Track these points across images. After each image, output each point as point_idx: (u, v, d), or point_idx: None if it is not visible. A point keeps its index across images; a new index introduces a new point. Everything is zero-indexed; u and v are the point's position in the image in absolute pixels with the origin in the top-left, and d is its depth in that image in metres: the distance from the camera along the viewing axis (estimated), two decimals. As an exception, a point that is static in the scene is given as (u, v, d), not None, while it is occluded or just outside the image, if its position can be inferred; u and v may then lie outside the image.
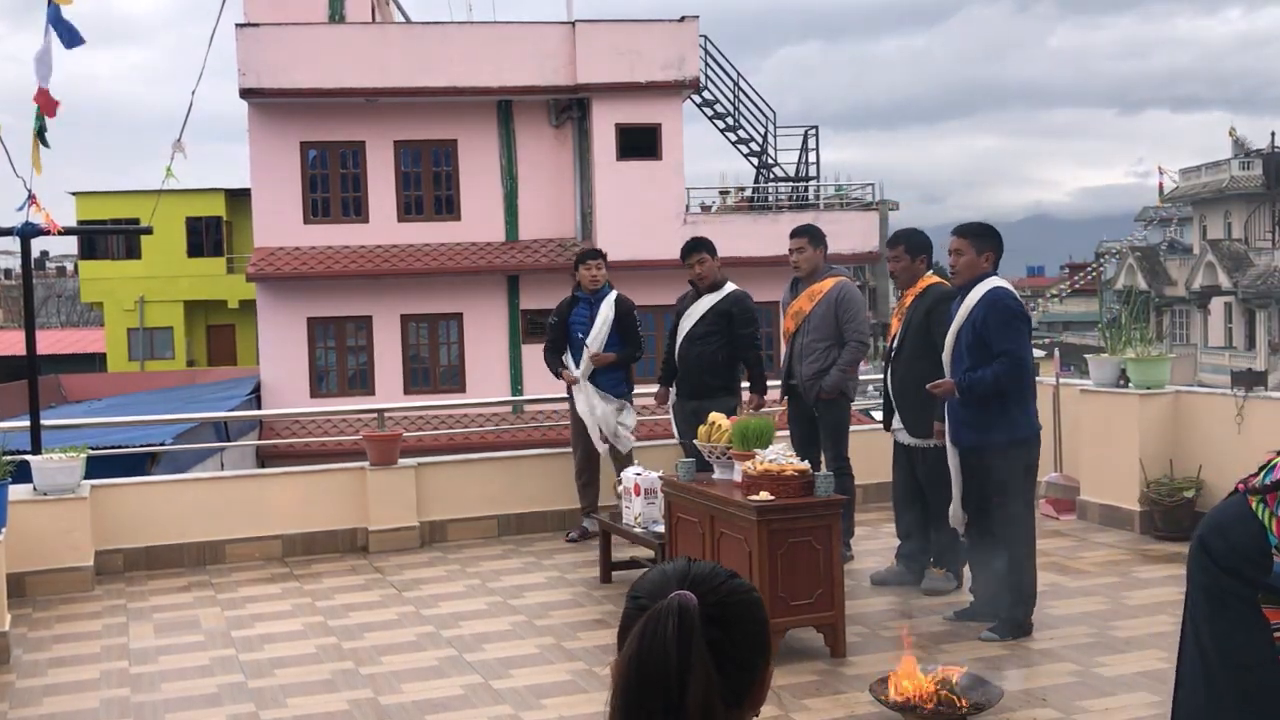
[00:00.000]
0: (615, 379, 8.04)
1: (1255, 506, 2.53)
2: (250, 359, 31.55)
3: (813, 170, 23.77)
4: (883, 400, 6.87)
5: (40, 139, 7.68)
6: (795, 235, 7.27)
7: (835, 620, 5.51)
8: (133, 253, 36.14)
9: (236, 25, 20.28)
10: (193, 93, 12.10)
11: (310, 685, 5.45)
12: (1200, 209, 45.83)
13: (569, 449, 8.42)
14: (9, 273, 56.18)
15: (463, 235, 21.55)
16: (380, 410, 9.29)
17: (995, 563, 5.86)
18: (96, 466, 8.00)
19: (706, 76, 22.80)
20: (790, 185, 23.50)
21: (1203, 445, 7.68)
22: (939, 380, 5.79)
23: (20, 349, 9.55)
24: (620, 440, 8.00)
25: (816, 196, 23.31)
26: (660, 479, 6.60)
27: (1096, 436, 8.19)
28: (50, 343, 39.27)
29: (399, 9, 25.96)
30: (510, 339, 21.45)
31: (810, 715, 4.85)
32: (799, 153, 23.91)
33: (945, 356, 5.85)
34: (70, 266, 54.07)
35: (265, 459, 18.43)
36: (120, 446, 11.69)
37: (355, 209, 21.47)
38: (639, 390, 8.29)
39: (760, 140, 23.68)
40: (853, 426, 7.38)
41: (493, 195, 21.65)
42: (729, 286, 7.59)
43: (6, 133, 7.25)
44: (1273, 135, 42.28)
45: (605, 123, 21.18)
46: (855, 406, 8.15)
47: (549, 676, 5.45)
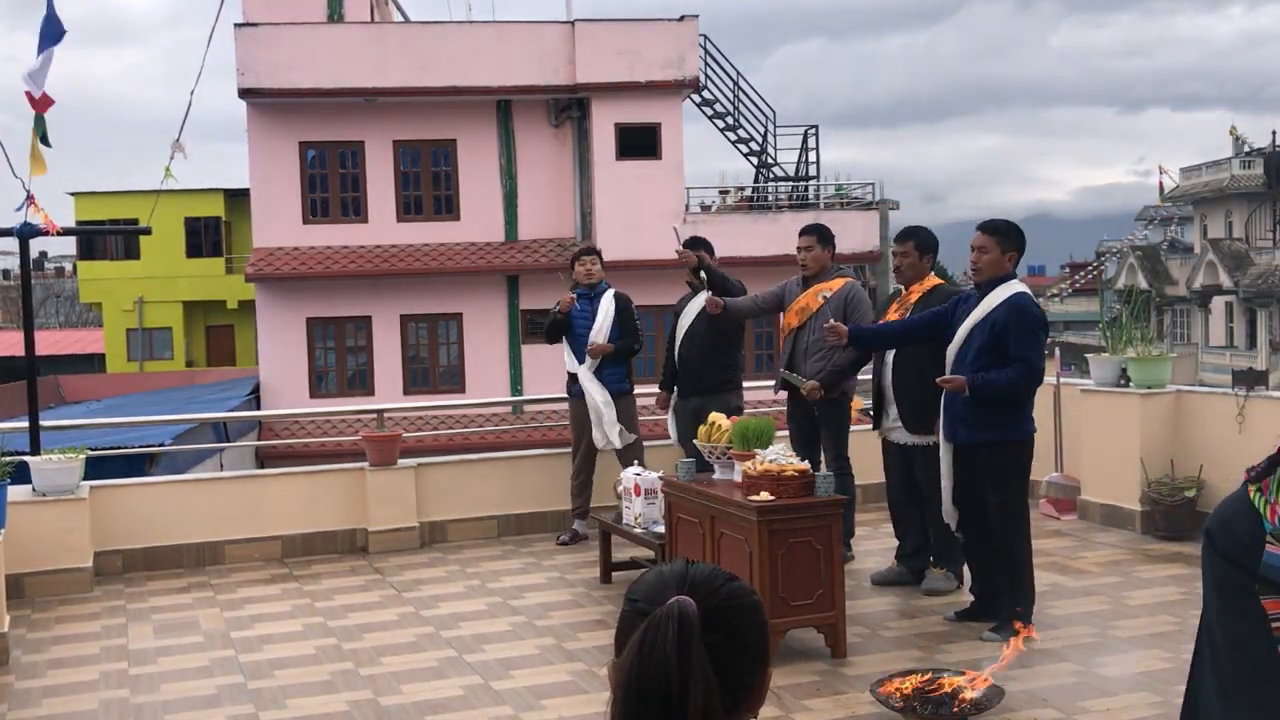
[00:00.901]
0: (617, 375, 8.03)
1: (1252, 494, 2.53)
2: (249, 359, 31.55)
3: (812, 170, 23.78)
4: (873, 397, 6.77)
5: (43, 139, 7.66)
6: (804, 233, 7.25)
7: (836, 620, 5.49)
8: (131, 253, 36.13)
9: (235, 25, 20.28)
10: (191, 93, 12.09)
11: (310, 686, 5.44)
12: (1201, 208, 45.83)
13: (568, 449, 8.41)
14: (8, 273, 56.16)
15: (462, 235, 21.54)
16: (380, 411, 9.27)
17: (993, 562, 5.85)
18: (95, 467, 7.99)
19: (706, 76, 22.81)
20: (790, 185, 23.49)
21: (1204, 445, 7.67)
22: (951, 376, 5.73)
23: (19, 350, 9.54)
24: (621, 437, 7.95)
25: (816, 196, 23.30)
26: (660, 479, 6.58)
27: (1097, 436, 8.18)
28: (49, 343, 39.25)
29: (398, 8, 25.95)
30: (510, 339, 21.44)
31: (811, 716, 4.84)
32: (799, 152, 23.93)
33: (951, 351, 5.79)
34: (69, 267, 54.07)
35: (264, 460, 18.42)
36: (119, 447, 11.68)
37: (354, 209, 21.46)
38: (639, 390, 8.27)
39: (760, 140, 23.68)
40: (853, 426, 7.36)
41: (492, 195, 21.64)
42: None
43: (5, 133, 7.24)
44: (1274, 134, 42.30)
45: (605, 122, 21.18)
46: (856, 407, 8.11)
47: (549, 677, 5.44)
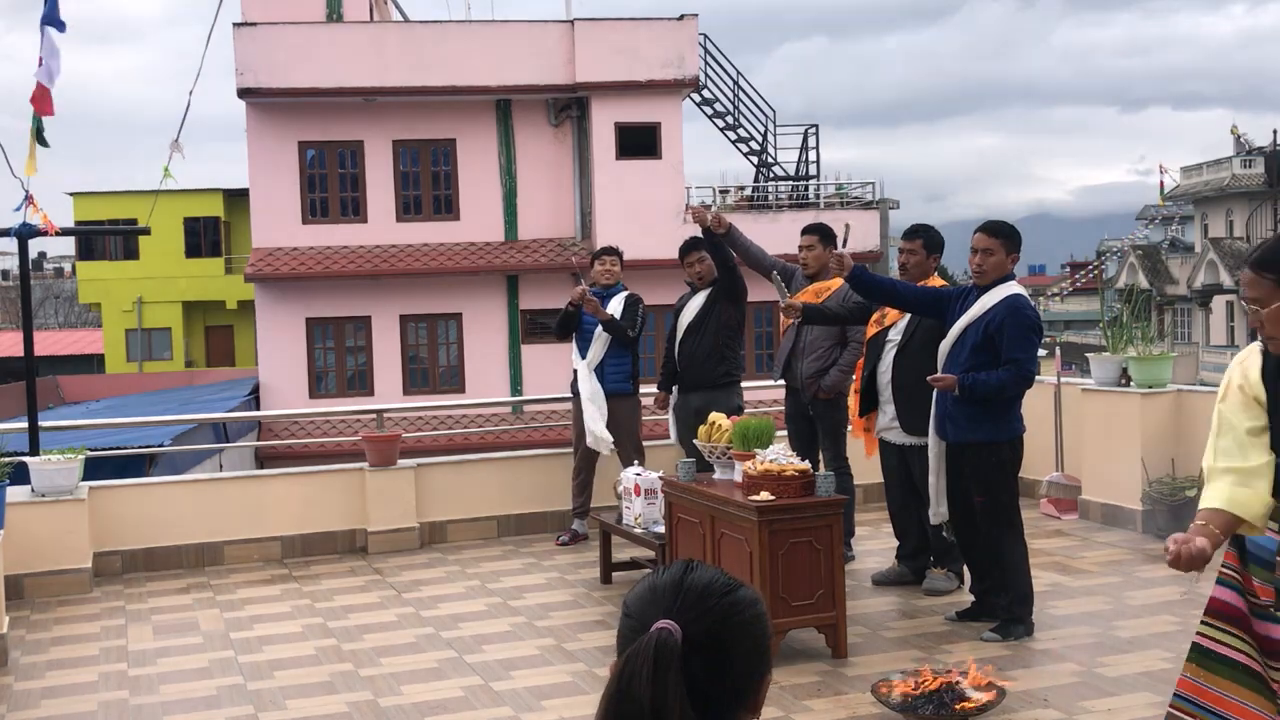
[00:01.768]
0: (620, 374, 8.01)
1: None
2: (249, 360, 31.54)
3: (813, 169, 23.76)
4: (863, 391, 6.69)
5: (39, 139, 7.65)
6: (806, 233, 7.23)
7: (836, 621, 5.49)
8: (131, 253, 36.12)
9: (234, 25, 20.26)
10: (190, 93, 12.08)
11: (309, 687, 5.43)
12: (1202, 207, 45.76)
13: (568, 449, 8.40)
14: (6, 274, 56.16)
15: (462, 235, 21.53)
16: (379, 411, 9.26)
17: (989, 561, 5.84)
18: (95, 468, 7.99)
19: (706, 75, 22.80)
20: (790, 184, 23.48)
21: (1205, 444, 7.64)
22: (941, 375, 5.74)
23: (18, 350, 9.53)
24: (599, 442, 7.92)
25: (817, 195, 23.29)
26: (660, 479, 6.57)
27: (1098, 436, 8.17)
28: (48, 344, 39.27)
29: (397, 8, 25.94)
30: (510, 339, 21.43)
31: (812, 716, 4.83)
32: (799, 151, 23.92)
33: (944, 347, 5.79)
34: (68, 267, 54.08)
35: (264, 460, 18.41)
36: (119, 448, 11.67)
37: (354, 209, 21.45)
38: (640, 390, 8.25)
39: (760, 139, 23.67)
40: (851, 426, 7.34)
41: (492, 195, 21.62)
42: None
43: (3, 133, 7.23)
44: (1275, 133, 42.20)
45: (604, 122, 21.16)
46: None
47: (549, 678, 5.43)
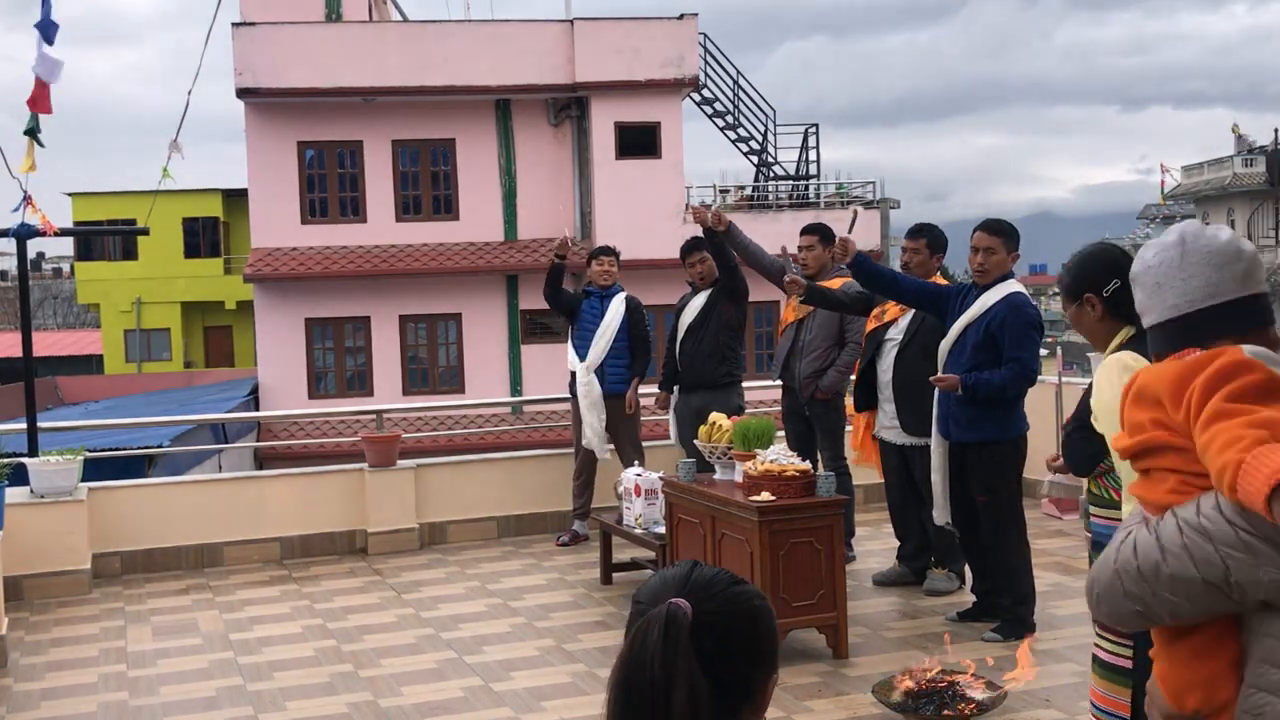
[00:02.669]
0: (621, 375, 8.00)
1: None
2: (248, 360, 31.52)
3: (813, 168, 23.76)
4: (857, 387, 6.65)
5: (34, 138, 7.63)
6: (806, 233, 7.22)
7: (837, 621, 5.48)
8: (129, 254, 36.08)
9: (233, 24, 20.24)
10: (189, 93, 12.07)
11: (309, 688, 5.41)
12: (1203, 206, 45.73)
13: (568, 449, 8.38)
14: (5, 274, 56.13)
15: (461, 235, 21.52)
16: (379, 411, 9.24)
17: (991, 562, 5.83)
18: (94, 469, 7.97)
19: (706, 74, 22.79)
20: (790, 184, 23.48)
21: (1206, 443, 7.63)
22: (944, 375, 5.72)
23: (17, 351, 9.52)
24: (595, 445, 7.92)
25: (817, 195, 23.28)
26: (661, 480, 6.56)
27: (1099, 435, 8.14)
28: (47, 344, 39.21)
29: (396, 8, 25.92)
30: (509, 339, 21.42)
31: (812, 716, 4.82)
32: (799, 151, 23.91)
33: (945, 347, 5.78)
34: (67, 268, 54.05)
35: (263, 461, 18.38)
36: (118, 449, 11.66)
37: (353, 209, 21.43)
38: (641, 390, 8.23)
39: (760, 138, 23.66)
40: (850, 427, 7.33)
41: (491, 195, 21.61)
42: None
43: (2, 133, 7.22)
44: (1276, 132, 42.17)
45: (604, 121, 21.15)
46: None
47: (549, 679, 5.42)
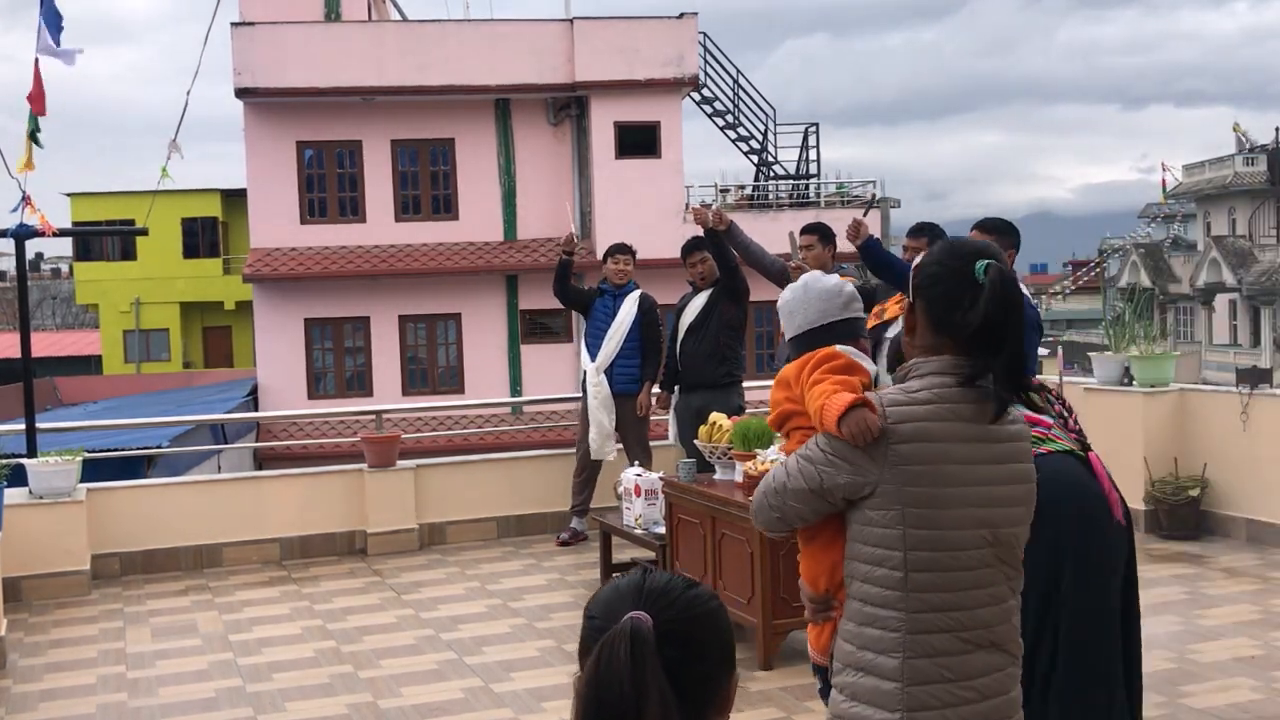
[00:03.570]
0: (631, 375, 7.98)
1: None
2: (247, 361, 31.49)
3: (813, 168, 23.74)
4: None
5: (33, 139, 7.62)
6: (806, 232, 7.19)
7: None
8: (128, 254, 36.07)
9: (232, 24, 20.22)
10: (188, 93, 12.07)
11: (309, 689, 5.40)
12: (1204, 205, 45.70)
13: (569, 449, 8.37)
14: (4, 275, 56.09)
15: (461, 235, 21.50)
16: (378, 412, 9.23)
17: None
18: (92, 470, 7.95)
19: (705, 74, 22.77)
20: (790, 183, 23.46)
21: (1208, 443, 7.63)
22: None
23: (15, 351, 9.51)
24: (596, 446, 7.90)
25: (817, 194, 23.26)
26: (661, 480, 6.54)
27: (1100, 435, 8.09)
28: (45, 345, 39.17)
29: (396, 7, 25.91)
30: (509, 339, 21.39)
31: (813, 717, 4.80)
32: (799, 150, 23.89)
33: None
34: (65, 268, 54.02)
35: (263, 461, 18.36)
36: (117, 449, 11.64)
37: (352, 209, 21.41)
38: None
39: (760, 138, 23.64)
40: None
41: (491, 194, 21.60)
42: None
43: (1, 134, 7.20)
44: (1277, 130, 42.10)
45: (604, 121, 21.13)
46: None
47: (549, 679, 5.40)
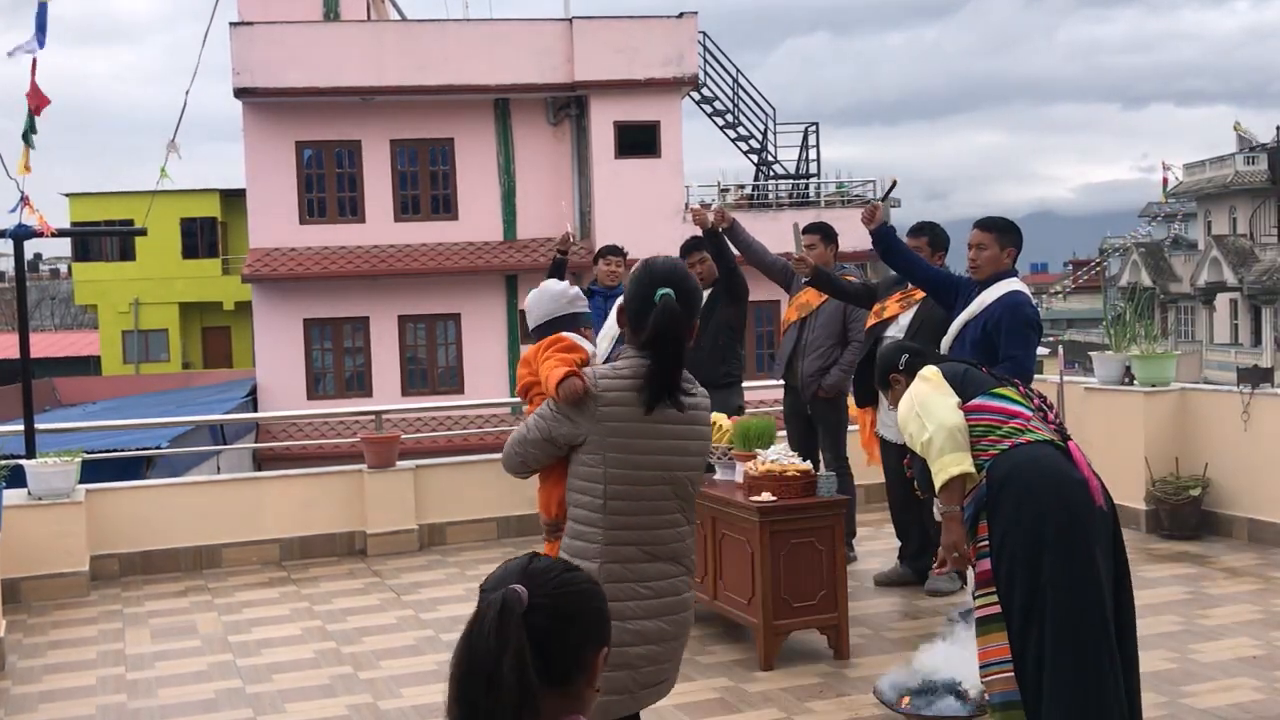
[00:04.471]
0: None
1: None
2: (246, 361, 31.48)
3: (813, 167, 23.73)
4: (857, 383, 6.62)
5: (26, 140, 7.60)
6: (807, 232, 7.17)
7: (839, 622, 5.45)
8: (127, 254, 36.05)
9: (231, 24, 20.21)
10: (187, 93, 12.05)
11: (308, 690, 5.39)
12: (1205, 204, 45.67)
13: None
14: (2, 275, 56.04)
15: (460, 235, 21.49)
16: (378, 412, 9.21)
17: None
18: (91, 471, 7.93)
19: (705, 73, 22.77)
20: (791, 183, 23.45)
21: (1209, 443, 7.62)
22: None
23: (14, 352, 9.50)
24: None
25: (817, 194, 23.26)
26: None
27: (1101, 434, 8.12)
28: (44, 346, 39.17)
29: (395, 7, 25.89)
30: (509, 339, 21.39)
31: (814, 717, 4.80)
32: (799, 150, 23.89)
33: (945, 344, 5.77)
34: (64, 269, 53.99)
35: (262, 462, 18.35)
36: (115, 450, 11.64)
37: (351, 209, 21.40)
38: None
39: (760, 137, 23.64)
40: (851, 426, 7.29)
41: (490, 194, 21.58)
42: None
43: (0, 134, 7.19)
44: (1278, 129, 42.09)
45: (603, 120, 21.12)
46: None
47: (550, 681, 5.38)
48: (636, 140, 21.23)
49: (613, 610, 1.86)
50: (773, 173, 23.68)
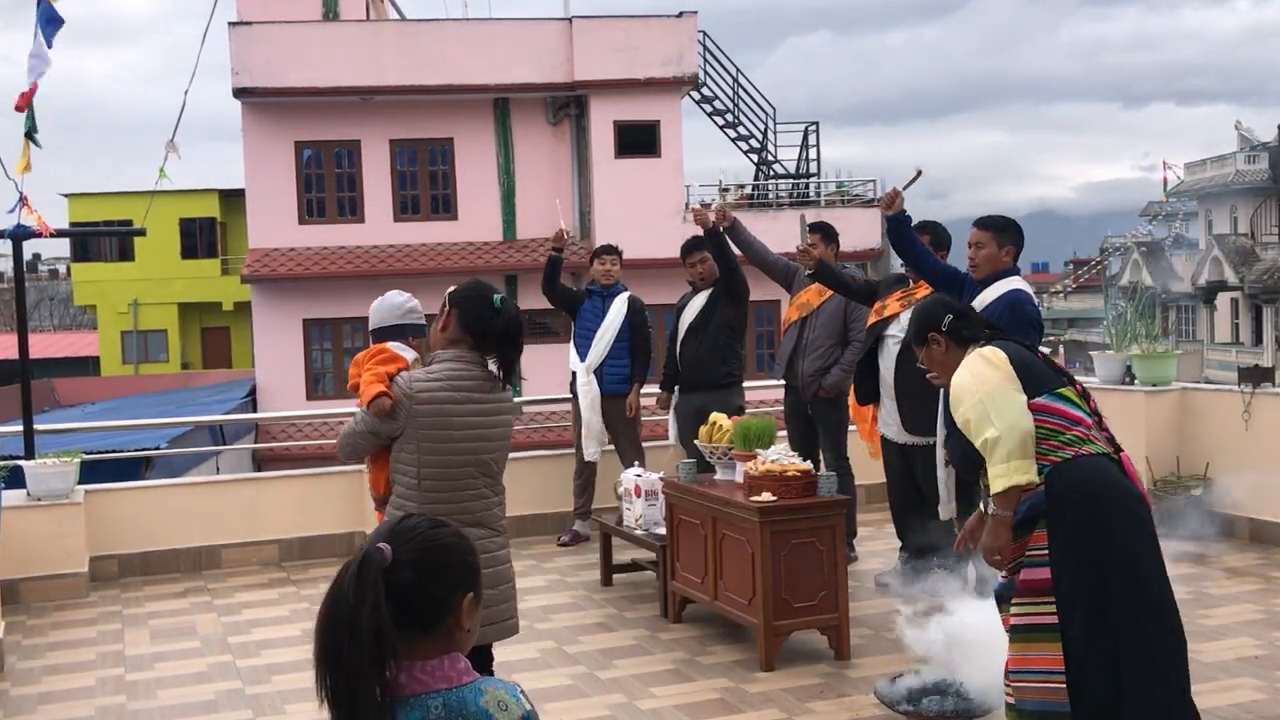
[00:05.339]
0: (621, 375, 7.96)
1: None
2: (245, 361, 31.46)
3: (813, 167, 23.72)
4: (858, 381, 6.61)
5: (30, 139, 7.59)
6: (811, 231, 7.17)
7: (839, 622, 5.44)
8: (126, 255, 36.03)
9: (230, 24, 20.20)
10: (186, 92, 12.04)
11: (308, 691, 5.35)
12: (1206, 204, 45.64)
13: (568, 450, 8.34)
14: (1, 276, 56.03)
15: (460, 235, 21.48)
16: (377, 412, 9.18)
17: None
18: (90, 471, 7.93)
19: (705, 73, 22.76)
20: (791, 182, 23.44)
21: (1210, 442, 7.61)
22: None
23: (13, 353, 9.49)
24: (594, 453, 7.89)
25: (818, 193, 23.25)
26: (661, 480, 6.52)
27: (1101, 434, 8.12)
28: (43, 346, 39.17)
29: (394, 6, 25.88)
30: (508, 339, 21.34)
31: (815, 718, 4.79)
32: (799, 149, 23.87)
33: None
34: (63, 269, 53.95)
35: (261, 462, 18.33)
36: (115, 451, 11.63)
37: (351, 209, 21.39)
38: (643, 390, 8.18)
39: (760, 137, 23.63)
40: (851, 426, 7.28)
41: (490, 194, 21.57)
42: None
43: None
44: (1279, 129, 42.10)
45: (603, 120, 21.11)
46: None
47: (550, 680, 5.37)
48: (636, 140, 21.22)
49: None
50: (773, 172, 23.67)
